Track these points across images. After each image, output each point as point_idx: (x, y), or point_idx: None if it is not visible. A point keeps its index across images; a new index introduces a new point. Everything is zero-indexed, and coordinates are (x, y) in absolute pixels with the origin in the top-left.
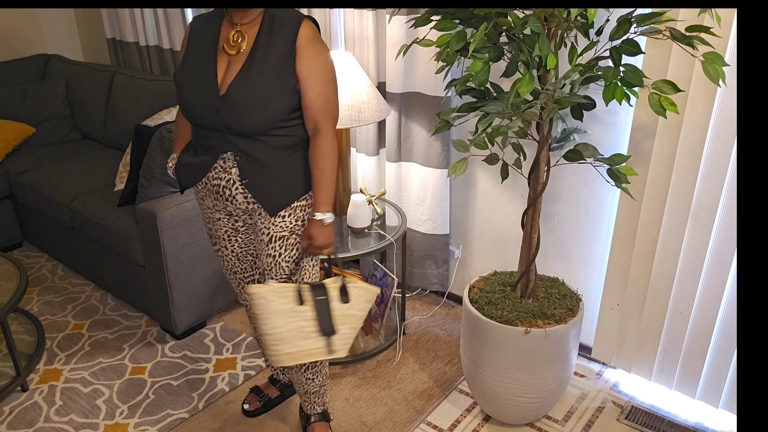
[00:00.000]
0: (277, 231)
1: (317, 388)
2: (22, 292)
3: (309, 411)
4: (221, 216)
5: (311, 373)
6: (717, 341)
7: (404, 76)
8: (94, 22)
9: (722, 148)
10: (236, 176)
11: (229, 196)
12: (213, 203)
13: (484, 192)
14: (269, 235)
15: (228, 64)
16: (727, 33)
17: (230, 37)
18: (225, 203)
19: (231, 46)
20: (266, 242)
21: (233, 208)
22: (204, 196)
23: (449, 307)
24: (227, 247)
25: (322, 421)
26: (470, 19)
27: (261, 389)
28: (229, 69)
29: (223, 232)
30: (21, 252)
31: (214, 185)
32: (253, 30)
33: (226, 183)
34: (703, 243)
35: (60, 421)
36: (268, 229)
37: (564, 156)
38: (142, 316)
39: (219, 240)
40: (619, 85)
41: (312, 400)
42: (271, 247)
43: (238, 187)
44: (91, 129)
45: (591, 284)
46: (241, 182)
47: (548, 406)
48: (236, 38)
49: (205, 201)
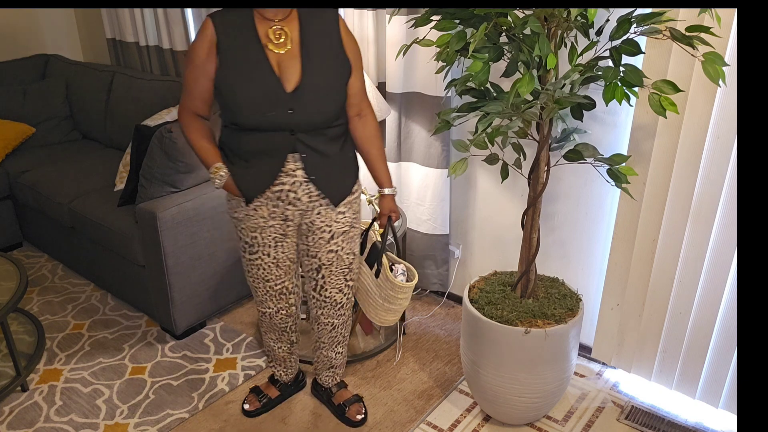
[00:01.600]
0: (338, 227)
1: (341, 359)
2: (22, 292)
3: (330, 383)
4: (275, 222)
5: (341, 347)
6: (717, 341)
7: (404, 76)
8: (94, 22)
9: (722, 148)
10: (302, 177)
11: (294, 199)
12: (270, 210)
13: (484, 192)
14: (331, 232)
15: (278, 61)
16: (727, 33)
17: (272, 34)
18: (285, 207)
19: (275, 43)
20: (327, 239)
21: (293, 210)
22: (260, 205)
23: (449, 307)
24: (269, 254)
25: (343, 388)
26: (470, 19)
27: (261, 389)
28: (283, 66)
29: (271, 239)
30: (21, 252)
31: (276, 191)
32: (292, 25)
33: (291, 186)
34: (703, 243)
35: (60, 421)
36: (330, 226)
37: (564, 156)
38: (142, 316)
39: (262, 248)
40: (619, 85)
41: (335, 373)
42: (333, 243)
43: (304, 188)
44: (91, 129)
45: (591, 284)
46: (309, 182)
47: (548, 406)
48: (279, 35)
49: (260, 210)
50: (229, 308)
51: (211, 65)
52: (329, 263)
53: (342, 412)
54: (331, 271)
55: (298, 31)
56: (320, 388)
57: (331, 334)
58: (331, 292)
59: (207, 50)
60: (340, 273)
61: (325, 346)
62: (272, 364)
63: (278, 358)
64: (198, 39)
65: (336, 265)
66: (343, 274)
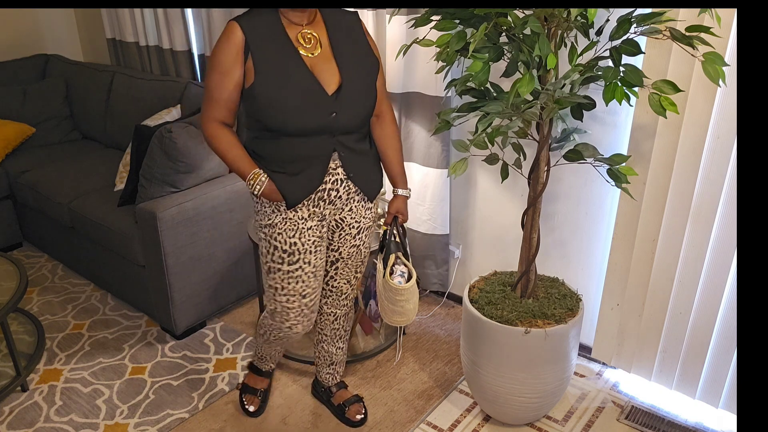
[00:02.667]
0: (366, 222)
1: (342, 356)
2: (22, 292)
3: (331, 382)
4: (314, 223)
5: (342, 342)
6: (717, 341)
7: (404, 76)
8: (94, 22)
9: (722, 148)
10: (342, 175)
11: (335, 197)
12: (310, 211)
13: (484, 192)
14: (359, 227)
15: (312, 65)
16: (727, 33)
17: (301, 38)
18: (325, 207)
19: (306, 47)
20: (354, 234)
21: (331, 209)
22: (301, 206)
23: (449, 307)
24: (310, 262)
25: (343, 388)
26: (470, 19)
27: (251, 386)
28: (318, 69)
29: (311, 243)
30: (21, 252)
31: (318, 192)
32: (319, 28)
33: (333, 185)
34: (703, 243)
35: (60, 421)
36: (359, 222)
37: (564, 156)
38: (142, 316)
39: (303, 255)
40: (619, 85)
41: (335, 371)
42: (358, 238)
43: (344, 185)
44: (91, 129)
45: (591, 284)
46: (347, 177)
47: (548, 406)
48: (309, 39)
49: (299, 212)
50: (229, 308)
51: (238, 71)
52: (348, 257)
53: (342, 412)
54: (347, 264)
55: (326, 35)
56: (320, 387)
57: (333, 326)
58: (339, 283)
59: (234, 56)
60: (354, 265)
61: (327, 339)
62: (264, 361)
63: (274, 358)
64: (223, 44)
65: (354, 258)
66: (356, 267)
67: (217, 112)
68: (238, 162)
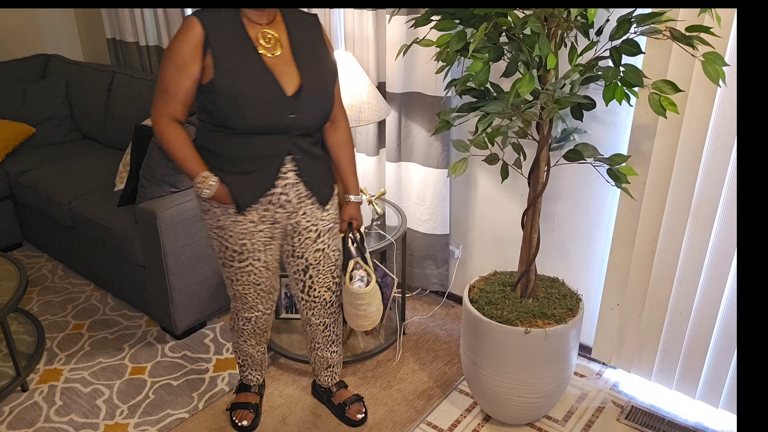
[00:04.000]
0: (324, 225)
1: (338, 358)
2: (22, 292)
3: (329, 383)
4: (265, 227)
5: (336, 346)
6: (717, 341)
7: (404, 76)
8: (94, 22)
9: (722, 148)
10: (294, 178)
11: (285, 201)
12: (261, 215)
13: (484, 192)
14: (317, 231)
15: (272, 65)
16: (727, 33)
17: (261, 38)
18: (276, 210)
19: (266, 47)
20: (314, 239)
21: (282, 212)
22: (251, 210)
23: (449, 307)
24: (260, 259)
25: (343, 388)
26: (470, 19)
27: (242, 401)
28: (278, 70)
29: (261, 243)
30: (21, 252)
31: (268, 196)
32: (279, 29)
33: (283, 188)
34: (703, 243)
35: (60, 421)
36: (316, 225)
37: (564, 156)
38: (142, 316)
39: (252, 253)
40: (619, 85)
41: (333, 372)
42: (320, 241)
43: (294, 189)
44: (91, 129)
45: (591, 284)
46: (299, 182)
47: (548, 406)
48: (269, 39)
49: (249, 215)
50: (229, 308)
51: (196, 67)
52: (316, 262)
53: (342, 412)
54: (319, 270)
55: (286, 36)
56: (320, 388)
57: (324, 334)
58: (320, 292)
59: (193, 50)
60: (327, 271)
61: (320, 347)
62: (247, 371)
63: (256, 361)
64: (182, 38)
65: (323, 263)
66: (331, 272)
67: (171, 107)
68: (187, 161)
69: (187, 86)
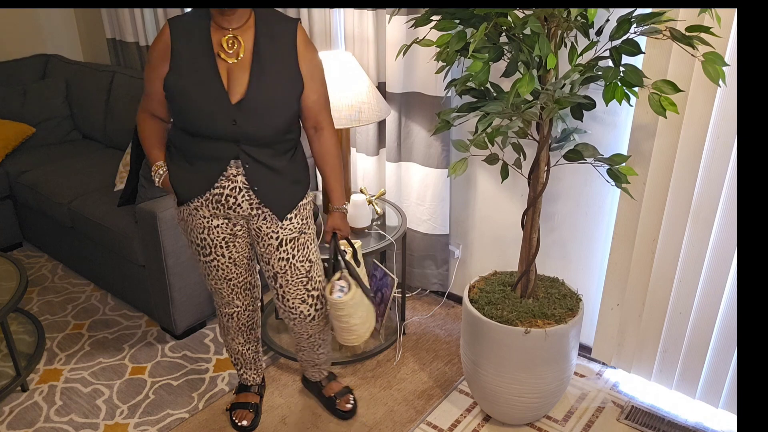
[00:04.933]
0: (286, 234)
1: (325, 357)
2: (22, 292)
3: (318, 377)
4: (219, 222)
5: (323, 349)
6: (717, 341)
7: (404, 76)
8: (94, 22)
9: (722, 148)
10: (243, 184)
11: (234, 204)
12: (212, 212)
13: (484, 192)
14: (278, 239)
15: (228, 71)
16: (727, 33)
17: (224, 42)
18: (227, 211)
19: (227, 52)
20: (275, 246)
21: (235, 215)
22: (200, 206)
23: (449, 307)
24: (224, 255)
25: (333, 381)
26: (470, 19)
27: (241, 401)
28: (232, 76)
29: (221, 239)
30: (21, 252)
31: (215, 195)
32: (247, 34)
33: (231, 191)
34: (703, 243)
35: (60, 421)
36: (276, 233)
37: (564, 156)
38: (142, 316)
39: (215, 248)
40: (619, 85)
41: (320, 369)
42: (282, 250)
43: (245, 195)
44: (91, 129)
45: (591, 284)
46: (249, 190)
47: (548, 406)
48: (232, 44)
49: (200, 211)
50: None
51: (163, 68)
52: (282, 272)
53: (333, 404)
54: (287, 280)
55: (252, 41)
56: (308, 382)
57: (309, 341)
58: (294, 303)
59: (161, 53)
60: (298, 282)
61: (306, 350)
62: (242, 370)
63: (248, 360)
64: (154, 41)
65: (290, 274)
66: (302, 284)
67: (147, 103)
68: (149, 151)
69: (156, 86)
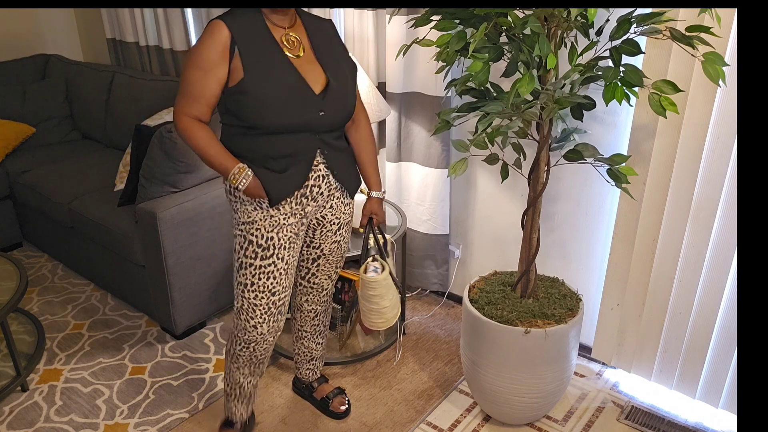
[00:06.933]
0: (345, 218)
1: (321, 351)
2: (22, 292)
3: (311, 378)
4: (295, 220)
5: (322, 338)
6: (717, 341)
7: (404, 76)
8: (94, 22)
9: (722, 148)
10: (324, 171)
11: (317, 194)
12: (293, 209)
13: (484, 192)
14: (339, 223)
15: (298, 65)
16: (727, 33)
17: (286, 40)
18: (307, 204)
19: (290, 49)
20: (335, 231)
21: (313, 205)
22: (284, 203)
23: (449, 307)
24: (284, 258)
25: (324, 383)
26: (470, 19)
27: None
28: (303, 70)
29: (287, 239)
30: (21, 252)
31: (302, 189)
32: (300, 31)
33: (315, 181)
34: (703, 243)
35: (60, 421)
36: (338, 218)
37: (564, 156)
38: (142, 316)
39: (278, 249)
40: (619, 85)
41: (315, 366)
42: (338, 234)
43: (325, 181)
44: (91, 129)
45: (591, 284)
46: (329, 175)
47: (548, 406)
48: (293, 41)
49: (282, 209)
50: (229, 308)
51: (223, 69)
52: (330, 253)
53: (326, 406)
54: (328, 260)
55: (307, 38)
56: (301, 384)
57: (313, 322)
58: (320, 279)
59: (220, 54)
60: (334, 261)
61: (307, 336)
62: (233, 403)
63: (244, 394)
64: (207, 41)
65: (335, 254)
66: (336, 262)
67: (195, 108)
68: (220, 156)
69: (213, 89)
